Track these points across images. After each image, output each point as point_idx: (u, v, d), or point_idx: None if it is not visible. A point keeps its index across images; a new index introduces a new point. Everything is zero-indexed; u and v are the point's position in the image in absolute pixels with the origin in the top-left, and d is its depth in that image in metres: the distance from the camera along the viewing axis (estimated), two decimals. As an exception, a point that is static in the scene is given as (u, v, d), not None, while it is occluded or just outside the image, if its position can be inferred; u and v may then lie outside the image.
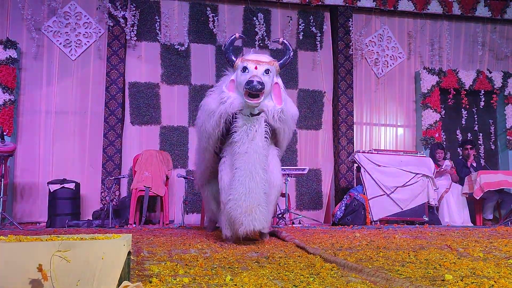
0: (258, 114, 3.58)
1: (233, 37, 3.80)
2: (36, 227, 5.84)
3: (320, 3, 7.44)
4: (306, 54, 7.55)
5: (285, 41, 3.89)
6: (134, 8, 6.88)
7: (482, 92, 7.85)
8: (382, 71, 7.86)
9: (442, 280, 2.14)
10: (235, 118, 3.60)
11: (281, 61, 3.74)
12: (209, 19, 7.11)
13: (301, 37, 7.45)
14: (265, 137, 3.60)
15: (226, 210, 3.54)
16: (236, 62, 3.68)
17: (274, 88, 3.69)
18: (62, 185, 5.94)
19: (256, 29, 7.26)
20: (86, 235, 1.90)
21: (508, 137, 7.89)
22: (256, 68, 3.54)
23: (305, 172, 6.09)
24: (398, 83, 7.94)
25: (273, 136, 3.83)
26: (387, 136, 7.89)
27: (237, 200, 3.44)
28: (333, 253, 3.01)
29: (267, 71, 3.57)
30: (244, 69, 3.57)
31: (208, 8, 7.14)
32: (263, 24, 7.29)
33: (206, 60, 7.21)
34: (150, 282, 2.06)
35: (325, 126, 7.51)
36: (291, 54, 3.80)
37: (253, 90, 3.37)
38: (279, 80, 3.75)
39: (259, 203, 3.47)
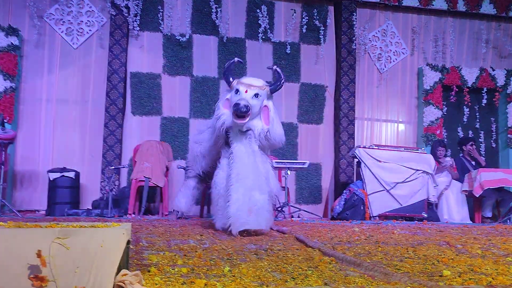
0: (246, 131, 3.99)
1: (232, 61, 4.23)
2: (35, 215, 5.85)
3: (324, -4, 7.41)
4: (309, 48, 7.51)
5: (277, 69, 4.28)
6: (137, -2, 6.85)
7: (485, 90, 7.83)
8: (385, 67, 7.83)
9: (440, 276, 2.14)
10: (228, 133, 4.05)
11: (272, 87, 4.11)
12: (212, 10, 7.07)
13: (304, 31, 7.41)
14: (257, 147, 4.00)
15: (227, 212, 3.78)
16: (232, 83, 4.05)
17: (264, 111, 4.04)
18: (62, 174, 5.94)
19: (259, 21, 7.22)
20: (85, 223, 1.90)
21: (509, 135, 7.87)
22: (246, 91, 3.92)
23: (305, 166, 6.08)
24: (401, 79, 7.91)
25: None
26: (388, 131, 7.88)
27: (234, 202, 3.75)
28: (332, 247, 3.01)
29: (256, 95, 3.94)
30: (237, 91, 3.96)
31: (212, -1, 7.10)
32: (266, 17, 7.25)
33: (209, 51, 7.18)
34: (149, 271, 2.07)
35: (327, 120, 7.49)
36: (283, 82, 4.18)
37: (238, 112, 3.80)
38: (270, 104, 4.08)
39: (255, 205, 3.78)
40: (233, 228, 3.69)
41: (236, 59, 4.31)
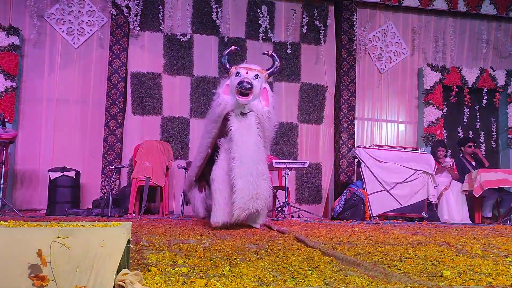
0: (248, 113, 4.13)
1: (229, 49, 4.47)
2: (35, 215, 5.85)
3: (324, -4, 7.41)
4: (309, 48, 7.52)
5: (273, 53, 4.54)
6: (137, -3, 6.85)
7: (485, 90, 7.83)
8: (385, 67, 7.84)
9: (440, 276, 2.15)
10: (229, 117, 4.14)
11: (269, 71, 4.37)
12: (213, 10, 7.07)
13: (304, 31, 7.41)
14: (258, 130, 4.13)
15: (233, 198, 3.95)
16: (231, 70, 4.31)
17: (263, 93, 4.27)
18: (63, 173, 5.94)
19: (260, 22, 7.23)
20: (86, 222, 1.90)
21: (509, 135, 7.87)
22: (247, 73, 4.17)
23: (306, 166, 6.08)
24: (401, 79, 7.92)
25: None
26: (388, 132, 7.88)
27: (240, 189, 3.91)
28: (332, 247, 3.01)
29: (256, 76, 4.19)
30: (237, 73, 4.20)
31: (212, -1, 7.10)
32: (267, 17, 7.25)
33: (209, 51, 7.18)
34: (149, 271, 2.07)
35: (327, 120, 7.50)
36: (278, 65, 4.44)
37: (243, 89, 4.00)
38: (267, 87, 4.33)
39: (258, 192, 3.97)
40: (237, 214, 3.92)
41: (233, 47, 4.54)
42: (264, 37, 7.24)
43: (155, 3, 6.99)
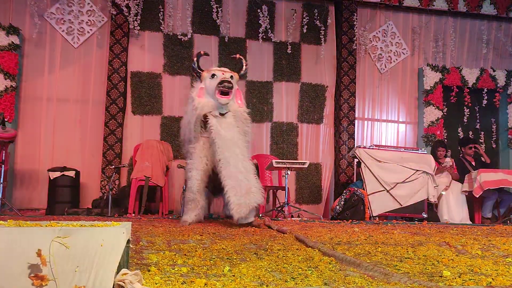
0: (226, 114, 4.33)
1: (198, 53, 4.79)
2: (35, 214, 5.85)
3: (325, -4, 7.41)
4: (309, 48, 7.51)
5: (241, 57, 4.97)
6: (137, -3, 6.85)
7: (485, 90, 7.83)
8: (385, 67, 7.83)
9: (440, 276, 2.14)
10: (207, 119, 4.30)
11: (241, 72, 4.78)
12: (213, 10, 7.07)
13: (305, 31, 7.41)
14: (238, 128, 4.30)
15: (226, 198, 4.09)
16: (203, 74, 4.53)
17: (237, 93, 4.54)
18: (62, 173, 5.94)
19: (260, 21, 7.22)
20: (85, 222, 1.90)
21: (509, 136, 7.89)
22: (223, 73, 4.43)
23: (306, 166, 6.07)
24: (401, 79, 7.92)
25: None
26: (388, 132, 7.88)
27: (231, 188, 4.03)
28: (332, 247, 3.01)
29: (231, 77, 4.47)
30: (213, 75, 4.43)
31: (212, -1, 7.10)
32: (267, 17, 7.25)
33: (209, 51, 7.11)
34: (149, 270, 2.07)
35: (327, 120, 7.50)
36: (246, 66, 4.88)
37: (226, 88, 4.25)
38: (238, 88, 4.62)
39: (251, 186, 4.05)
40: (236, 214, 4.00)
41: (202, 51, 4.82)
42: (264, 37, 7.24)
43: (155, 3, 6.98)
